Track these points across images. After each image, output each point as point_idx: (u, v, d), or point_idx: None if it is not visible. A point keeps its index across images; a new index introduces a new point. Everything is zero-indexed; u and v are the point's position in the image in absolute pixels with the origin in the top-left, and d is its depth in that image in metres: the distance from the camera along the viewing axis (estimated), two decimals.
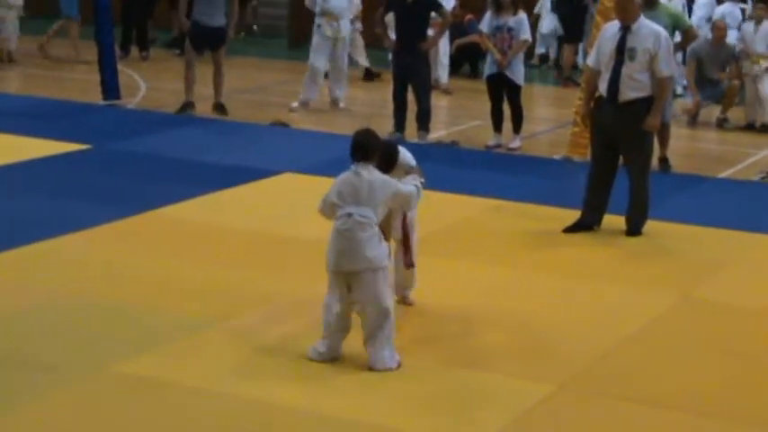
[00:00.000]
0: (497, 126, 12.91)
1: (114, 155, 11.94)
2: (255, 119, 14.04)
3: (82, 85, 15.79)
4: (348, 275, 6.63)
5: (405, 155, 7.22)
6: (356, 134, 6.83)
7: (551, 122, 14.59)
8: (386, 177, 6.79)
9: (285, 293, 7.94)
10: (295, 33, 19.85)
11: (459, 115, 14.54)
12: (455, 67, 18.17)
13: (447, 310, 7.59)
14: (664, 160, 11.94)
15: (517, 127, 12.87)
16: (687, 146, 13.48)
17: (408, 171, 7.16)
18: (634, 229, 9.54)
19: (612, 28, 9.51)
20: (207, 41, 14.16)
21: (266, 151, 12.22)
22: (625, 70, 9.28)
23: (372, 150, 6.78)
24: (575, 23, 16.91)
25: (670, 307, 8.02)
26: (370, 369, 6.64)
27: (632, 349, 7.27)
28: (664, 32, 9.47)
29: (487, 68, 12.84)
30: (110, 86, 14.82)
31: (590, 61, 9.77)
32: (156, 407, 6.22)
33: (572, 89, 15.33)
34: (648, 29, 9.39)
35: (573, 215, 10.06)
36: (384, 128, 12.70)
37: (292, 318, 7.48)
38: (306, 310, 7.47)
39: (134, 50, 18.27)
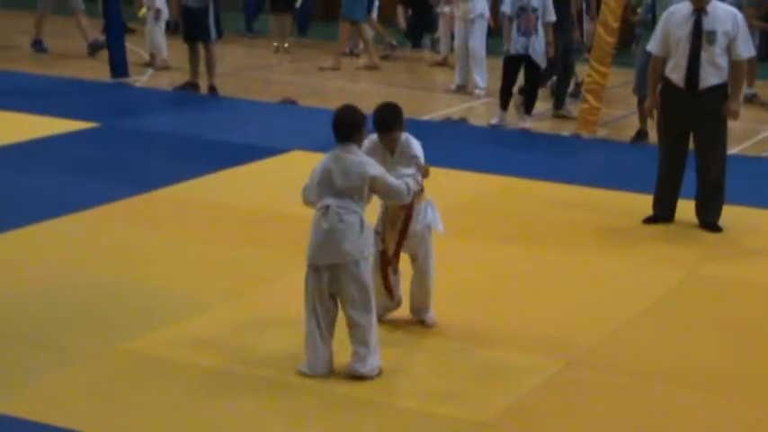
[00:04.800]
0: (504, 105, 12.83)
1: (122, 133, 11.93)
2: (264, 97, 14.02)
3: (90, 63, 15.77)
4: (327, 268, 6.24)
5: (411, 142, 6.75)
6: (337, 111, 6.35)
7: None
8: (363, 159, 6.27)
9: (293, 271, 7.91)
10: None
11: (467, 92, 14.50)
12: (415, 38, 18.11)
13: (458, 288, 7.56)
14: (644, 134, 11.95)
15: (529, 108, 12.76)
16: None
17: (411, 161, 6.66)
18: (713, 223, 9.09)
19: (680, 11, 9.02)
20: (185, 24, 14.04)
21: (275, 129, 12.19)
22: (705, 55, 8.85)
23: (352, 129, 6.28)
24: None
25: (680, 283, 8.00)
26: (347, 372, 6.26)
27: (642, 326, 7.25)
28: (739, 13, 9.08)
29: (512, 47, 12.64)
30: (118, 64, 14.81)
31: (654, 48, 9.12)
32: (165, 386, 6.21)
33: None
34: (723, 10, 8.99)
35: (583, 192, 10.07)
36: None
37: (299, 296, 7.46)
38: None
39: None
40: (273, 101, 13.76)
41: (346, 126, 6.32)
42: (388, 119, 6.68)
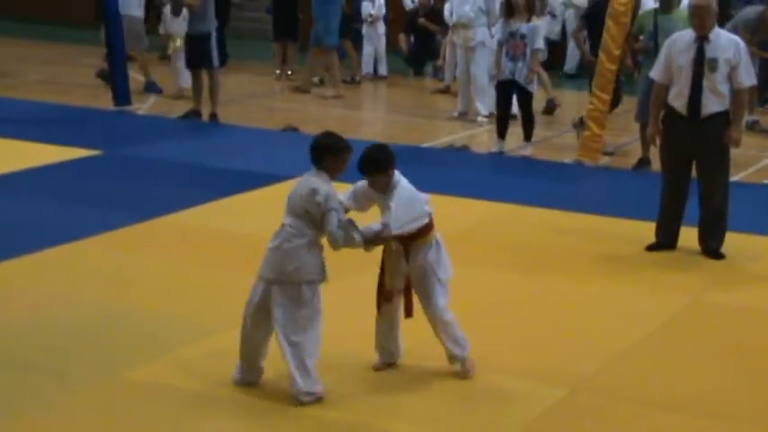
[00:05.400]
0: (502, 133, 12.82)
1: (125, 161, 11.95)
2: (267, 124, 14.04)
3: (93, 91, 15.81)
4: (268, 282, 6.29)
5: (396, 189, 6.38)
6: (316, 136, 6.39)
7: (559, 126, 14.54)
8: (319, 187, 6.17)
9: None
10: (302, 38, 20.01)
11: (469, 119, 14.53)
12: (417, 65, 18.19)
13: (458, 315, 7.52)
14: (646, 161, 11.95)
15: (528, 134, 12.78)
16: None
17: (387, 207, 6.36)
18: (715, 251, 9.09)
19: (683, 39, 9.07)
20: (188, 51, 14.12)
21: (277, 156, 12.20)
22: (706, 83, 8.87)
23: (321, 153, 6.25)
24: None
25: (682, 309, 7.98)
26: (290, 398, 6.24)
27: (645, 352, 7.24)
28: (741, 41, 9.10)
29: (501, 73, 12.69)
30: (120, 92, 14.84)
31: (656, 75, 9.16)
32: (167, 414, 6.19)
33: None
34: (726, 38, 9.02)
35: (586, 219, 10.08)
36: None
37: None
38: None
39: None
40: (276, 128, 13.78)
41: (315, 148, 6.31)
42: (365, 163, 6.40)
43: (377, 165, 6.40)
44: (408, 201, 6.42)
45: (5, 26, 21.71)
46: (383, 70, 17.88)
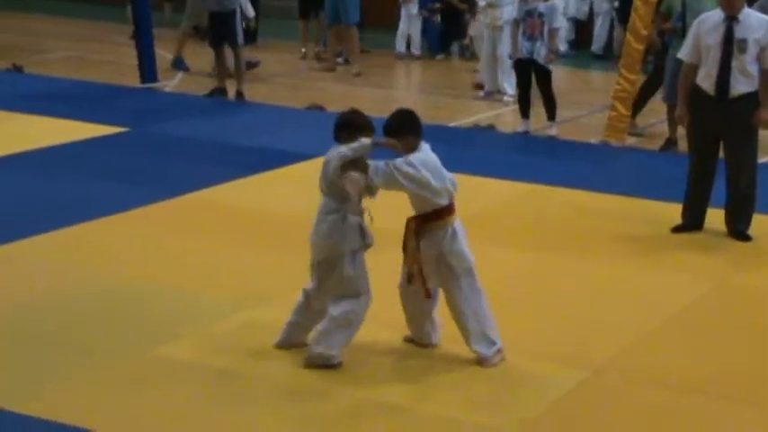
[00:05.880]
0: (525, 112, 12.77)
1: (152, 138, 11.99)
2: (292, 102, 14.06)
3: (119, 68, 15.85)
4: (312, 264, 6.53)
5: (421, 151, 6.37)
6: (341, 112, 6.50)
7: (586, 106, 14.50)
8: (333, 151, 6.31)
9: None
10: None
11: (496, 99, 14.51)
12: (445, 45, 18.12)
13: None
14: (673, 142, 11.90)
15: (551, 114, 12.71)
16: None
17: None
18: (742, 232, 9.05)
19: (711, 19, 9.00)
20: (211, 28, 14.12)
21: (302, 134, 12.22)
22: (735, 63, 8.81)
23: (341, 129, 6.36)
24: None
25: (708, 291, 7.97)
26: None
27: (669, 334, 7.23)
28: None
29: (518, 52, 12.64)
30: (147, 69, 14.88)
31: (685, 55, 9.06)
32: (194, 390, 6.23)
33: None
34: (756, 18, 8.94)
35: (611, 200, 10.05)
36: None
37: None
38: None
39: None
40: (301, 107, 13.80)
41: (336, 124, 6.43)
42: (389, 123, 6.44)
43: (391, 130, 6.41)
44: (424, 161, 6.33)
45: (36, 3, 21.78)
46: (415, 50, 17.83)
